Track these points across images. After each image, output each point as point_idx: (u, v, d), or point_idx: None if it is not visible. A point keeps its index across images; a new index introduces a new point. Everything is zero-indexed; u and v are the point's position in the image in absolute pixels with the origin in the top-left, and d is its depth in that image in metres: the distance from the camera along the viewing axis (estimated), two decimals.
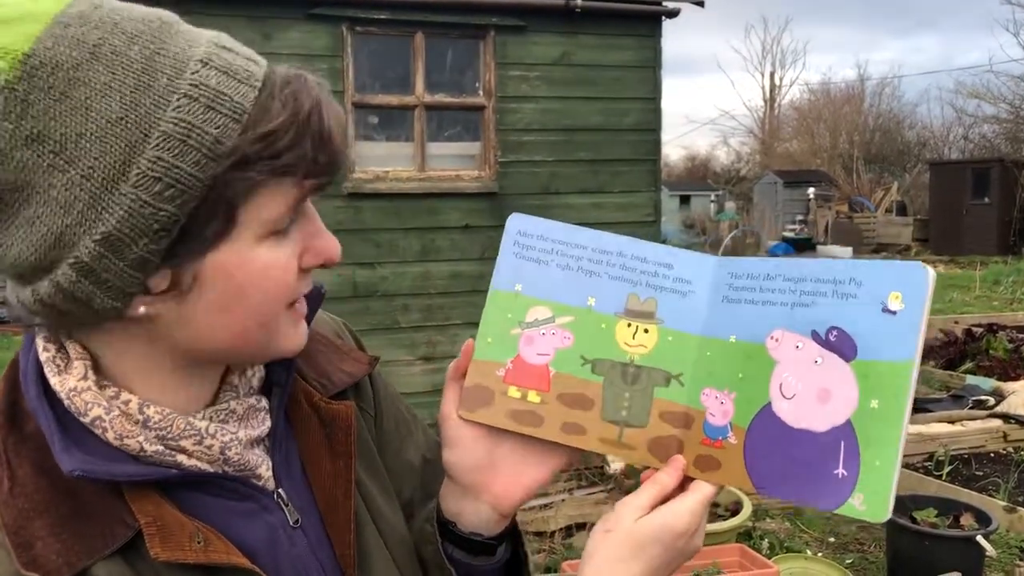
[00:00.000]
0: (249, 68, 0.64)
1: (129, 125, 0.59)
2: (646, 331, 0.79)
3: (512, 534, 0.88)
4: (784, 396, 0.72)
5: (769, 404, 0.73)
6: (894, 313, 0.68)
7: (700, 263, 0.80)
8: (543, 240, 0.81)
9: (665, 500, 0.76)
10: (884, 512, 0.67)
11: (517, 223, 0.82)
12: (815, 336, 0.72)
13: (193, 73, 0.60)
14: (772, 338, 0.74)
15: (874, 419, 0.68)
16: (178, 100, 0.59)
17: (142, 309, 0.64)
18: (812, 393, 0.71)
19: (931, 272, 0.68)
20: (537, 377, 0.79)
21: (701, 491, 0.76)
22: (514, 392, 0.79)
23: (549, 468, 0.82)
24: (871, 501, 0.67)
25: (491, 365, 0.80)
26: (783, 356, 0.73)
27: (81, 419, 0.66)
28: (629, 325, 0.79)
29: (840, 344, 0.70)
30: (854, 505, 0.68)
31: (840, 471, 0.69)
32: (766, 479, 0.73)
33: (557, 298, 0.80)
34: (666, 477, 0.77)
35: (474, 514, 0.82)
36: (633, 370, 0.79)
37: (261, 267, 0.65)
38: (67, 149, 0.58)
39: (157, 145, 0.59)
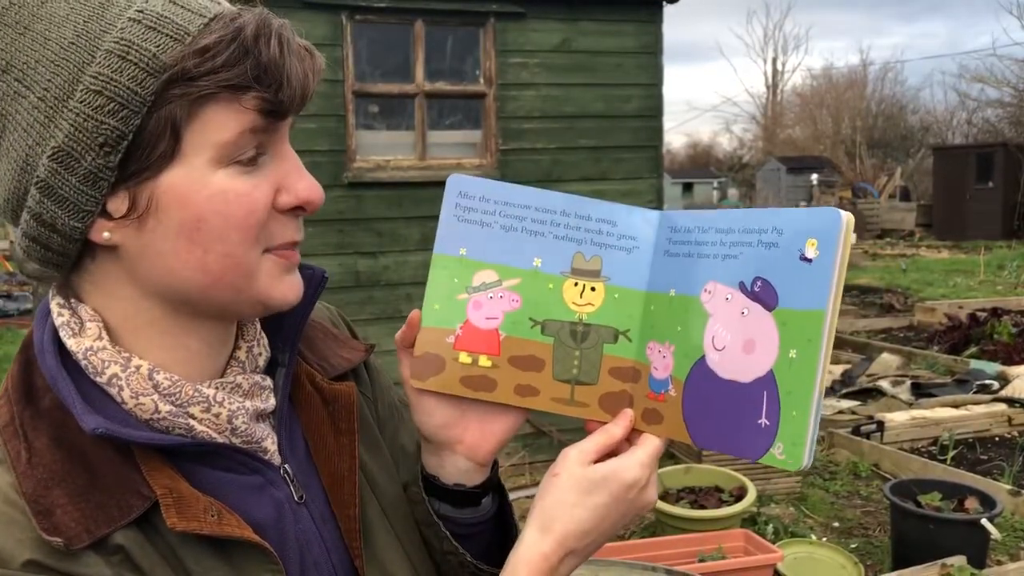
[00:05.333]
0: (204, 3, 0.66)
1: (79, 48, 0.63)
2: (593, 289, 0.80)
3: (497, 489, 0.89)
4: (715, 348, 0.73)
5: (703, 357, 0.74)
6: (810, 261, 0.68)
7: (644, 219, 0.80)
8: (485, 201, 0.79)
9: (612, 452, 0.78)
10: (800, 461, 0.67)
11: (457, 185, 0.80)
12: (742, 287, 0.72)
13: (144, 2, 0.64)
14: (706, 291, 0.74)
15: (792, 369, 0.68)
16: (123, 24, 0.63)
17: (105, 234, 0.66)
18: (739, 344, 0.71)
19: (844, 215, 0.67)
20: (487, 342, 0.79)
21: (650, 444, 0.77)
22: (465, 358, 0.79)
23: (519, 415, 0.83)
24: (789, 451, 0.67)
25: (440, 332, 0.79)
26: (715, 308, 0.73)
27: (98, 379, 0.68)
28: (576, 284, 0.80)
29: (764, 294, 0.70)
30: (775, 455, 0.68)
31: (763, 421, 0.69)
32: (700, 432, 0.74)
33: (503, 260, 0.79)
34: (615, 428, 0.79)
35: (452, 466, 0.83)
36: (582, 329, 0.79)
37: (218, 191, 0.65)
38: (27, 75, 0.63)
39: (99, 63, 0.62)
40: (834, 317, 0.67)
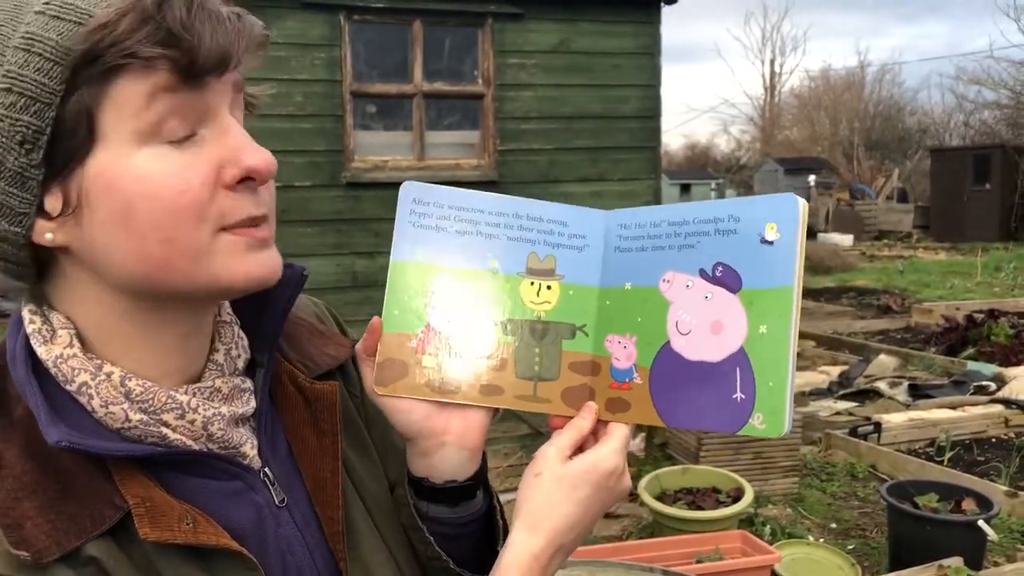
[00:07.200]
0: None
1: None
2: (549, 287, 0.82)
3: (486, 486, 0.88)
4: (680, 333, 0.76)
5: (668, 342, 0.77)
6: (771, 243, 0.72)
7: (591, 218, 0.83)
8: (439, 207, 0.81)
9: (582, 444, 0.80)
10: (781, 428, 0.71)
11: (411, 192, 0.81)
12: (702, 273, 0.76)
13: None
14: (664, 280, 0.78)
15: (764, 343, 0.72)
16: (30, 18, 0.62)
17: (48, 235, 0.64)
18: (706, 327, 0.75)
19: (802, 201, 0.72)
20: None
21: (620, 432, 0.79)
22: (428, 361, 0.80)
23: None
24: (769, 419, 0.71)
25: (402, 337, 0.80)
26: (675, 296, 0.77)
27: (67, 387, 0.67)
28: (532, 283, 0.82)
29: (726, 278, 0.74)
30: (754, 425, 0.71)
31: (738, 395, 0.72)
32: (672, 413, 0.77)
33: (460, 263, 0.81)
34: (582, 421, 0.80)
35: (443, 461, 0.82)
36: (541, 326, 0.82)
37: (143, 174, 0.63)
38: None
39: (8, 60, 0.61)
40: (799, 293, 0.72)
